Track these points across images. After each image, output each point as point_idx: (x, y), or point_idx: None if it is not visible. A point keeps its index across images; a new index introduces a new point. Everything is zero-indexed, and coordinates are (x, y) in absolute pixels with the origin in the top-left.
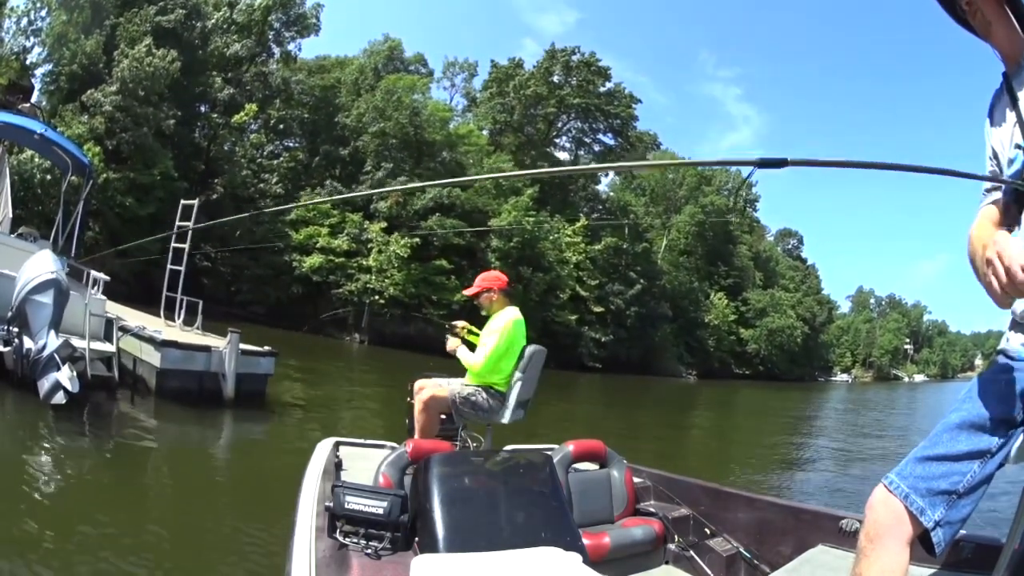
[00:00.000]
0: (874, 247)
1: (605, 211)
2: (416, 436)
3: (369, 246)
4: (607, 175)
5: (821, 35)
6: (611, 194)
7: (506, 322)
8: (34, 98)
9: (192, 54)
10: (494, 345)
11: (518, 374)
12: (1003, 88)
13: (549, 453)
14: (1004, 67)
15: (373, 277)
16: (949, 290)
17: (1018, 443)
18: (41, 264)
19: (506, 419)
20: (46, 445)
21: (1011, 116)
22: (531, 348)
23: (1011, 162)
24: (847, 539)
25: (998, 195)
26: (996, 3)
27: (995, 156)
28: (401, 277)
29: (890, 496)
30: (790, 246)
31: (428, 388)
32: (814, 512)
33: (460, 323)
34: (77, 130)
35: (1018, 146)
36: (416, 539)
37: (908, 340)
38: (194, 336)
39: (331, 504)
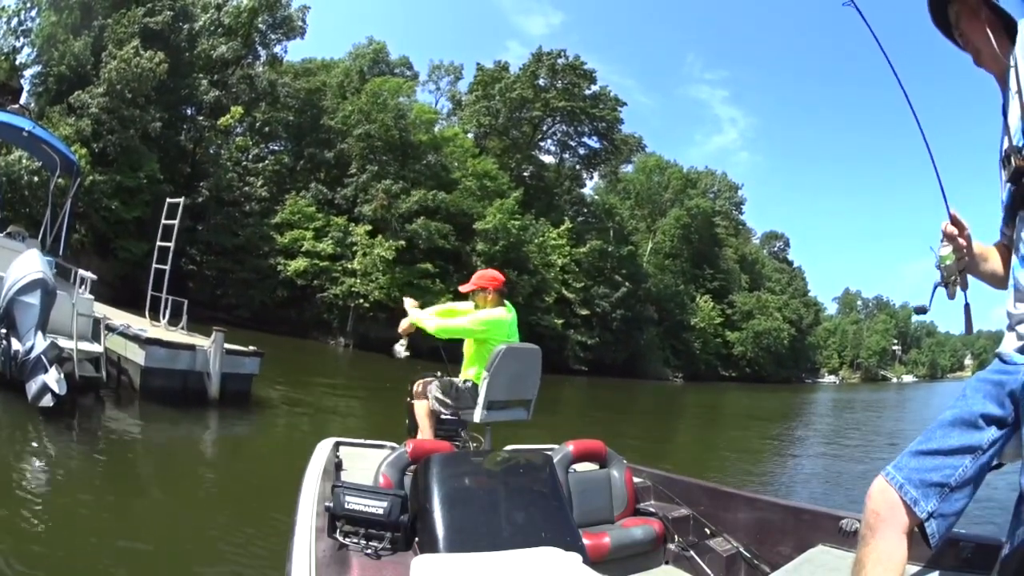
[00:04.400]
0: (860, 249)
1: (590, 214)
2: (419, 433)
3: (354, 249)
4: (591, 178)
5: (809, 38)
6: (596, 197)
7: (488, 314)
8: (23, 99)
9: (179, 56)
10: (461, 323)
11: (485, 372)
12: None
13: (549, 453)
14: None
15: (358, 280)
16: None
17: (1011, 443)
18: (28, 264)
19: (476, 417)
20: (34, 447)
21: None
22: (501, 347)
23: (1004, 184)
24: (847, 539)
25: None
26: (980, 29)
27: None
28: (386, 280)
29: (887, 487)
30: (776, 248)
31: (421, 384)
32: (814, 512)
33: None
34: (64, 131)
35: (1006, 156)
36: (416, 539)
37: (896, 341)
38: (179, 335)
39: (331, 504)
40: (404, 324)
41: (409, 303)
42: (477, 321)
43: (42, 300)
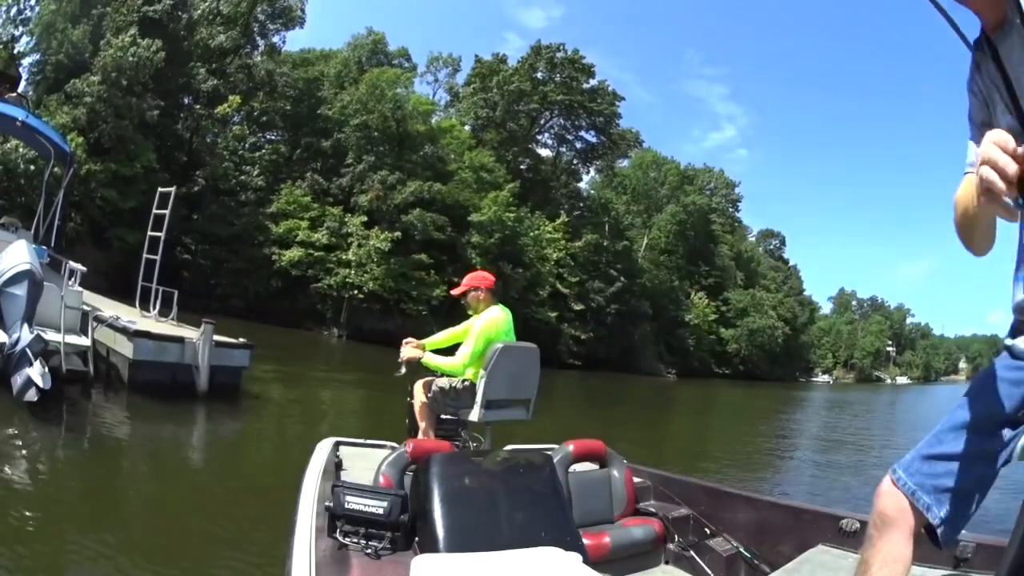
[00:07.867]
0: (857, 249)
1: (586, 209)
2: (419, 433)
3: (349, 240)
4: (588, 172)
5: (810, 37)
6: (592, 192)
7: (486, 322)
8: (21, 87)
9: (177, 45)
10: (472, 348)
11: (482, 371)
12: (976, 63)
13: (549, 453)
14: (983, 35)
15: (353, 271)
16: (933, 293)
17: (1022, 442)
18: (15, 255)
19: (474, 416)
20: (18, 441)
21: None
22: (497, 345)
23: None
24: (847, 539)
25: None
26: None
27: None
28: (381, 272)
29: (895, 490)
30: (772, 246)
31: (421, 383)
32: (814, 512)
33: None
34: (61, 120)
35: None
36: (416, 539)
37: (890, 342)
38: (168, 327)
39: (331, 504)
40: (408, 355)
41: (416, 353)
42: (480, 333)
43: (29, 292)
